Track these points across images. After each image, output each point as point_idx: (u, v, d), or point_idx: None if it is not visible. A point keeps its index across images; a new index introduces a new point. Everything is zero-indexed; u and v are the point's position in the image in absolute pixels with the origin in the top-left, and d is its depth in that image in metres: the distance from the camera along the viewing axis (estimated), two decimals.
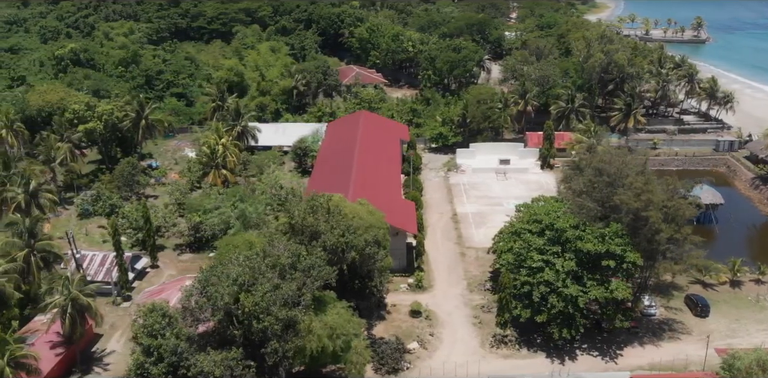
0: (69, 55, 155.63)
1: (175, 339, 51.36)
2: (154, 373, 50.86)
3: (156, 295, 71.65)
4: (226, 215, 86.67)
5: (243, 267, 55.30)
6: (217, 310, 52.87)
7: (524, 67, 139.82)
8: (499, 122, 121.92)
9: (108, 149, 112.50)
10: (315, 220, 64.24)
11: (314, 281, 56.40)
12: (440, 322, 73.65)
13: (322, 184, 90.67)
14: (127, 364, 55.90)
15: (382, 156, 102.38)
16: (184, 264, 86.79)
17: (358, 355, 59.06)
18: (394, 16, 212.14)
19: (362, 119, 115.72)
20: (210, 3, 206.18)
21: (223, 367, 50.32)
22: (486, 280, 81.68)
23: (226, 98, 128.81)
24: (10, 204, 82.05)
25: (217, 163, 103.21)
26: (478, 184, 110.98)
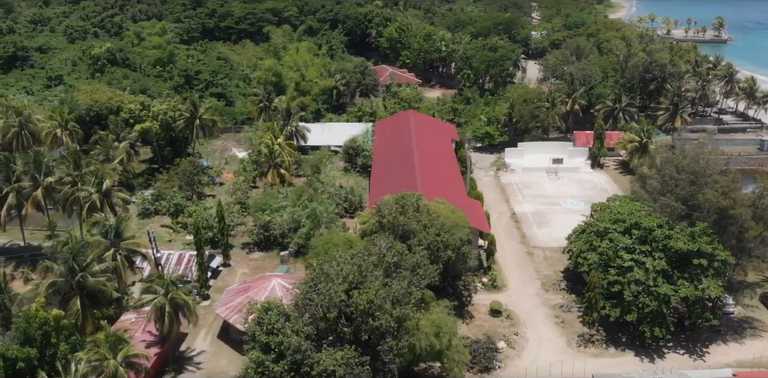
0: (105, 54, 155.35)
1: (296, 336, 51.38)
2: (275, 370, 50.90)
3: (241, 293, 71.65)
4: (297, 214, 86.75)
5: (351, 265, 55.49)
6: (333, 307, 52.99)
7: (565, 67, 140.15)
8: (548, 121, 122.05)
9: (161, 149, 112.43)
10: (407, 219, 64.45)
11: (421, 280, 56.60)
12: (521, 322, 73.79)
13: (387, 184, 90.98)
14: (243, 362, 55.86)
15: (439, 155, 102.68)
16: (255, 262, 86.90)
17: (459, 354, 59.29)
18: (421, 15, 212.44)
19: (412, 119, 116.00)
20: (236, 3, 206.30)
21: (345, 366, 50.46)
22: (560, 280, 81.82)
23: (272, 98, 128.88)
24: (83, 203, 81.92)
25: (276, 163, 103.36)
26: (531, 183, 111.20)
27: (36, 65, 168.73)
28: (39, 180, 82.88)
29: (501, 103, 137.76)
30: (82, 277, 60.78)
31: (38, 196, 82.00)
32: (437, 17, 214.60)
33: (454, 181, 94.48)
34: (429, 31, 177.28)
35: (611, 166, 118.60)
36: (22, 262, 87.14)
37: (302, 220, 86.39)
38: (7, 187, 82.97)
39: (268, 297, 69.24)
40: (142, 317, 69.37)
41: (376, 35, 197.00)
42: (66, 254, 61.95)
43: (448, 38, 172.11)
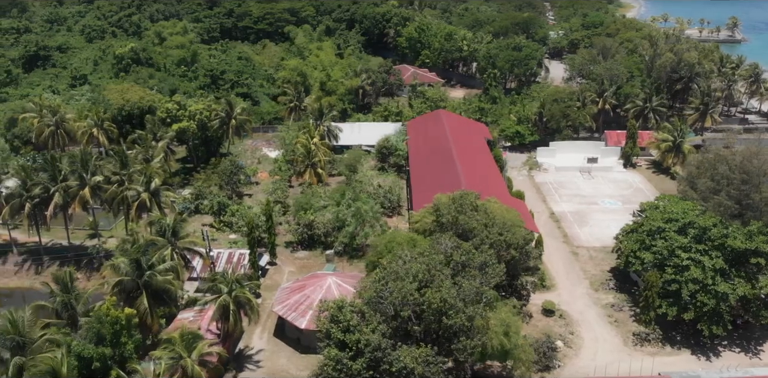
0: (129, 54, 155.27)
1: (375, 334, 51.47)
2: (354, 368, 51.00)
3: (296, 291, 71.75)
4: (342, 214, 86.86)
5: (420, 264, 55.64)
6: (406, 305, 53.12)
7: (591, 66, 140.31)
8: (579, 121, 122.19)
9: (196, 149, 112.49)
10: (467, 218, 64.57)
11: (490, 279, 56.72)
12: (575, 321, 73.91)
13: (430, 184, 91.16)
14: (318, 359, 55.88)
15: (476, 155, 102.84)
16: (300, 261, 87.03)
17: (525, 353, 59.38)
18: (438, 15, 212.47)
19: (444, 118, 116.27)
20: (253, 3, 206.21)
21: (424, 364, 50.59)
22: (607, 279, 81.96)
23: (302, 98, 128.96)
24: (131, 202, 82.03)
25: (314, 162, 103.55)
26: (565, 182, 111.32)
27: (57, 64, 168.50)
28: (86, 179, 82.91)
29: (527, 102, 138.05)
30: (150, 275, 60.81)
31: (86, 195, 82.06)
32: (454, 17, 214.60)
33: (496, 180, 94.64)
34: (450, 30, 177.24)
35: (643, 166, 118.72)
36: (66, 262, 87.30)
37: (347, 219, 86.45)
38: (53, 186, 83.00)
39: (324, 295, 69.64)
40: (200, 316, 69.59)
41: (394, 35, 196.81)
42: (133, 253, 61.98)
43: (470, 38, 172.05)
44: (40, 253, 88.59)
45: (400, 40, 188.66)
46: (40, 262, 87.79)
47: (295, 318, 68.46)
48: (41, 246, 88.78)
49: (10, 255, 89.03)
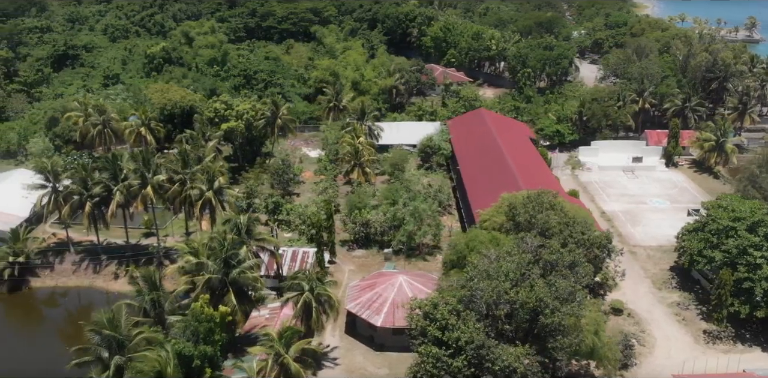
0: (161, 53, 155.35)
1: (477, 332, 51.63)
2: (454, 366, 51.18)
3: (367, 289, 71.93)
4: (400, 212, 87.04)
5: (510, 263, 55.83)
6: (502, 304, 53.31)
7: (626, 66, 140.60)
8: (620, 120, 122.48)
9: (243, 148, 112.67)
10: (546, 217, 64.79)
11: (581, 278, 56.93)
12: (643, 320, 74.13)
13: (485, 183, 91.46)
14: (414, 358, 56.02)
15: (525, 154, 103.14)
16: (359, 260, 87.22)
17: (611, 352, 59.62)
18: (460, 14, 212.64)
19: (487, 117, 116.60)
20: (275, 2, 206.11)
21: (525, 362, 50.80)
22: (669, 278, 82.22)
23: (341, 98, 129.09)
24: (195, 201, 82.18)
25: (361, 162, 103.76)
26: (611, 182, 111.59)
27: (86, 64, 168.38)
28: (148, 178, 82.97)
29: (561, 101, 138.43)
30: (238, 273, 61.02)
31: (149, 193, 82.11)
32: (476, 16, 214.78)
33: (549, 179, 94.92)
34: (477, 29, 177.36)
35: (684, 165, 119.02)
36: (125, 260, 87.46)
37: (405, 218, 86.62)
38: (115, 186, 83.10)
39: (397, 294, 69.95)
40: (275, 313, 69.90)
41: (418, 34, 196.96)
42: (219, 251, 62.18)
43: (498, 37, 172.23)
44: (98, 252, 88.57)
45: (425, 39, 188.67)
46: (98, 261, 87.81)
47: (370, 315, 68.65)
48: (99, 245, 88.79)
49: (67, 254, 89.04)
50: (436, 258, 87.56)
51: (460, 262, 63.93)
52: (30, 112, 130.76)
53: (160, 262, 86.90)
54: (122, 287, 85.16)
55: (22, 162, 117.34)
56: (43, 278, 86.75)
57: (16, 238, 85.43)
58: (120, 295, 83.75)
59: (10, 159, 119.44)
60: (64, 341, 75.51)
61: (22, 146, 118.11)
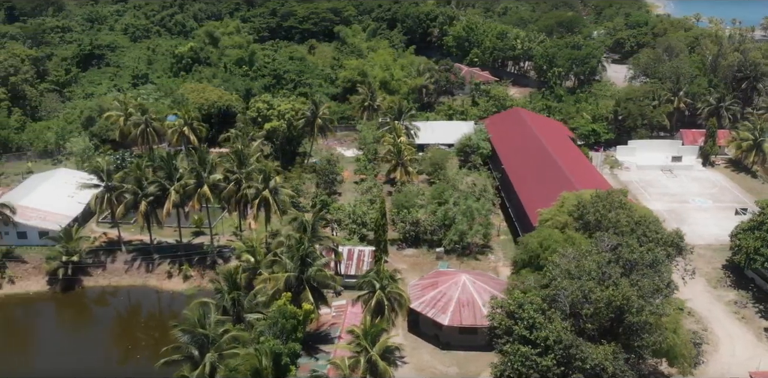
0: (189, 53, 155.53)
1: (565, 332, 51.86)
2: (543, 365, 51.39)
3: (429, 288, 72.14)
4: (452, 212, 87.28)
5: (591, 262, 56.06)
6: (588, 303, 53.53)
7: (656, 65, 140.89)
8: (656, 119, 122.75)
9: (283, 148, 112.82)
10: (617, 216, 65.02)
11: (663, 276, 57.14)
12: (704, 318, 74.38)
13: (534, 182, 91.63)
14: (497, 359, 56.18)
15: (570, 153, 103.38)
16: (410, 259, 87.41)
17: (687, 349, 59.82)
18: (480, 13, 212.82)
19: (526, 117, 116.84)
20: (296, 3, 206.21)
21: (614, 361, 51.04)
22: (723, 277, 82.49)
23: (375, 97, 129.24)
24: (252, 200, 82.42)
25: (404, 161, 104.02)
26: (651, 181, 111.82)
27: (111, 63, 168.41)
28: (204, 177, 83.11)
29: (592, 100, 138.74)
30: (315, 271, 61.25)
31: (206, 193, 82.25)
32: (495, 15, 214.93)
33: (598, 178, 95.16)
34: (501, 29, 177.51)
35: (721, 165, 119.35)
36: (177, 259, 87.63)
37: (457, 217, 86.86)
38: (170, 185, 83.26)
39: (461, 293, 70.20)
40: (341, 311, 70.17)
41: (439, 34, 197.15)
42: (295, 250, 62.38)
43: (523, 36, 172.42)
44: (150, 251, 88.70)
45: (447, 39, 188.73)
46: (151, 260, 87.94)
47: (436, 314, 68.88)
48: (151, 244, 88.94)
49: (119, 253, 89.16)
50: (488, 257, 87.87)
51: (532, 261, 64.15)
52: (64, 111, 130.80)
53: (214, 261, 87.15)
54: (176, 286, 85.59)
55: (60, 161, 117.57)
56: (95, 277, 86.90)
57: (68, 237, 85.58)
58: (174, 294, 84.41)
59: (47, 158, 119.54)
60: (126, 340, 76.13)
61: (60, 146, 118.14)
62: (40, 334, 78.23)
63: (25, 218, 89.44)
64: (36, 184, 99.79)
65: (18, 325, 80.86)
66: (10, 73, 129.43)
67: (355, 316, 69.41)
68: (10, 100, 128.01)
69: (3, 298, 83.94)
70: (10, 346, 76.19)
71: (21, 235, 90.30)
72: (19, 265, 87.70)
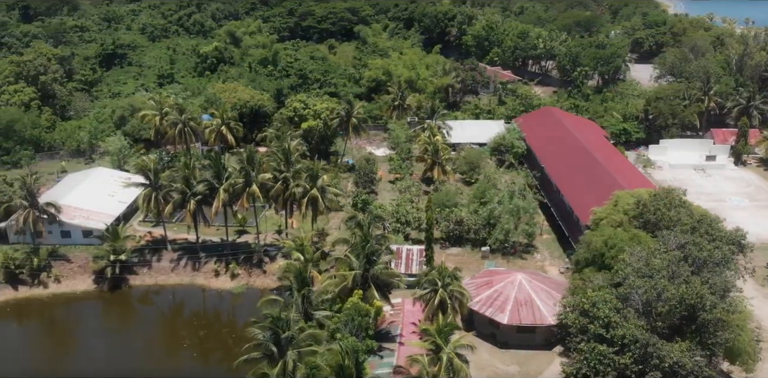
0: (214, 53, 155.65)
1: (642, 330, 52.17)
2: (621, 363, 51.68)
3: (484, 287, 72.35)
4: (497, 211, 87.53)
5: (661, 260, 56.38)
6: (663, 301, 53.85)
7: (682, 65, 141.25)
8: (688, 119, 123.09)
9: (318, 147, 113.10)
10: (677, 215, 65.32)
11: (732, 274, 57.47)
12: (756, 316, 74.30)
13: (578, 182, 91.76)
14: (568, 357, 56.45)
15: (609, 152, 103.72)
16: (455, 258, 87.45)
17: (751, 346, 60.12)
18: (498, 13, 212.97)
19: (559, 116, 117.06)
20: (312, 3, 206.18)
21: (693, 359, 51.36)
22: None
23: (405, 96, 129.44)
24: (300, 199, 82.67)
25: (441, 160, 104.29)
26: (686, 180, 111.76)
27: (133, 63, 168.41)
28: (252, 176, 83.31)
29: (618, 100, 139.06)
30: (379, 269, 61.48)
31: (255, 191, 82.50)
32: (513, 15, 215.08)
33: (641, 177, 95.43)
34: (522, 28, 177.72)
35: (753, 164, 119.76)
36: (223, 258, 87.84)
37: (502, 216, 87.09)
38: (219, 184, 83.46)
39: (518, 292, 70.42)
40: (398, 309, 70.40)
41: (457, 33, 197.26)
42: (360, 248, 62.62)
43: (545, 36, 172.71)
44: (196, 250, 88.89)
45: (466, 38, 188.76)
46: (197, 258, 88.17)
47: (494, 313, 69.14)
48: (198, 243, 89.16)
49: (165, 252, 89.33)
50: (533, 257, 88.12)
51: (595, 260, 64.38)
52: (95, 110, 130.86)
53: (260, 260, 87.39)
54: (224, 284, 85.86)
55: (93, 160, 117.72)
56: (141, 276, 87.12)
57: (115, 236, 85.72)
58: (222, 292, 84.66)
59: (79, 157, 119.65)
60: (181, 338, 76.27)
61: (94, 145, 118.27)
62: (97, 333, 78.51)
63: (68, 217, 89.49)
64: (75, 184, 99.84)
65: (72, 324, 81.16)
66: (40, 72, 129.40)
67: (412, 314, 69.71)
68: (40, 99, 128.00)
69: (51, 297, 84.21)
70: (68, 344, 76.69)
71: (65, 235, 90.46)
72: (64, 264, 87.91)
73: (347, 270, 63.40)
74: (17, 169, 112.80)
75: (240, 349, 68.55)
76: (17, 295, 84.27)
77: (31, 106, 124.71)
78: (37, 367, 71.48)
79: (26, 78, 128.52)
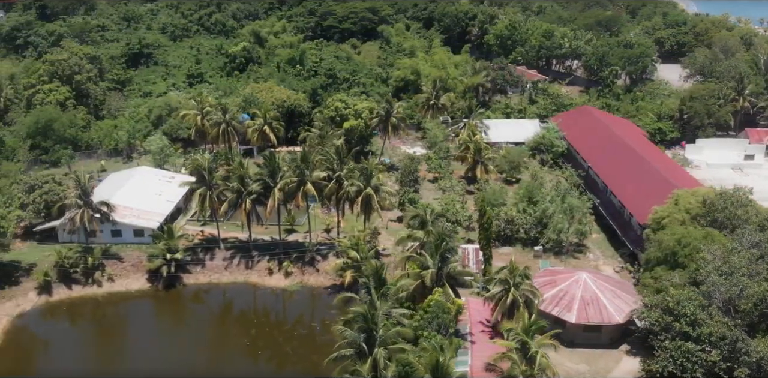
0: (242, 53, 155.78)
1: (729, 328, 52.48)
2: (709, 360, 51.95)
3: (548, 286, 72.76)
4: (550, 210, 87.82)
5: (740, 258, 56.68)
6: (745, 299, 54.13)
7: (712, 64, 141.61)
8: (724, 118, 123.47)
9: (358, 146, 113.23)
10: (746, 214, 65.64)
11: None
12: None
13: (631, 181, 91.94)
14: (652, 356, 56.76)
15: (652, 151, 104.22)
16: (507, 257, 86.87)
17: None
18: (519, 12, 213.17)
19: (598, 115, 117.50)
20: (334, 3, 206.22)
21: None
22: None
23: (440, 96, 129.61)
24: (354, 198, 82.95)
25: (483, 160, 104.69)
26: (724, 179, 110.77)
27: (159, 62, 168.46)
28: (306, 175, 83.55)
29: (649, 99, 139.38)
30: (454, 268, 61.78)
31: (310, 190, 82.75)
32: (533, 14, 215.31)
33: (687, 176, 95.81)
34: (547, 28, 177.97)
35: None
36: (274, 256, 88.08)
37: (556, 215, 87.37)
38: (273, 183, 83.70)
39: (583, 291, 70.69)
40: (465, 308, 70.56)
41: (478, 33, 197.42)
42: (434, 247, 62.87)
43: (570, 35, 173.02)
44: (248, 249, 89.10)
45: (488, 37, 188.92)
46: (249, 257, 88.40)
47: (560, 312, 69.52)
48: (249, 241, 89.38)
49: (217, 251, 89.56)
50: (586, 256, 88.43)
51: (668, 259, 64.62)
52: (129, 110, 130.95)
53: (312, 258, 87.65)
54: (278, 283, 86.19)
55: (131, 159, 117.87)
56: (195, 275, 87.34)
57: (170, 235, 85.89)
58: (277, 291, 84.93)
59: (116, 157, 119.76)
60: (243, 336, 76.50)
61: (132, 144, 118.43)
62: (159, 331, 78.97)
63: (119, 217, 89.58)
64: (120, 183, 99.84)
65: (131, 322, 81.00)
66: (75, 71, 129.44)
67: (478, 312, 69.94)
68: (75, 98, 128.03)
69: (106, 296, 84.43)
70: (131, 343, 76.82)
71: (115, 233, 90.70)
72: (116, 263, 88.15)
73: (417, 268, 63.65)
74: (56, 168, 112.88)
75: (305, 346, 69.82)
76: (71, 294, 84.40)
77: (66, 105, 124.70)
78: (102, 364, 72.08)
79: (60, 77, 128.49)
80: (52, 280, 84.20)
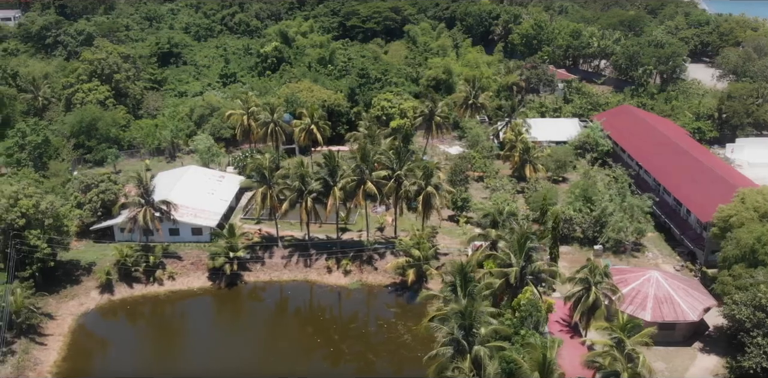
0: (274, 53, 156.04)
1: None
2: None
3: (621, 285, 72.22)
4: (610, 209, 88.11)
5: None
6: None
7: (746, 64, 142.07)
8: (763, 117, 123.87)
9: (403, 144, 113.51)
10: None
11: None
12: None
13: (688, 180, 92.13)
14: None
15: (701, 150, 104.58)
16: (567, 256, 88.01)
17: None
18: (541, 11, 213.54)
19: (641, 115, 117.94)
20: (357, 3, 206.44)
21: None
22: None
23: (478, 95, 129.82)
24: (415, 196, 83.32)
25: (532, 159, 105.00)
26: (767, 178, 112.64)
27: (188, 62, 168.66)
28: (366, 174, 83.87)
29: (683, 98, 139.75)
30: (538, 267, 62.11)
31: (370, 189, 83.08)
32: (555, 14, 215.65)
33: (736, 174, 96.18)
34: (574, 27, 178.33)
35: None
36: (332, 255, 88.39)
37: (616, 214, 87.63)
38: (333, 182, 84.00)
39: (656, 289, 71.07)
40: None
41: (502, 32, 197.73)
42: (517, 245, 63.19)
43: (598, 34, 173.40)
44: (306, 247, 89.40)
45: (513, 36, 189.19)
46: (307, 255, 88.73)
47: (635, 311, 69.78)
48: (307, 240, 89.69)
49: (276, 249, 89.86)
50: (645, 255, 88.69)
51: (746, 257, 64.95)
52: (169, 109, 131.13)
53: (370, 257, 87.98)
54: (338, 280, 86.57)
55: (175, 159, 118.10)
56: (255, 272, 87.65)
57: (231, 233, 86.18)
58: (338, 288, 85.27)
59: (159, 156, 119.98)
60: (313, 333, 76.83)
61: (176, 143, 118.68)
62: (230, 329, 79.17)
63: (177, 215, 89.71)
64: (171, 182, 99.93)
65: (198, 320, 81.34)
66: (114, 70, 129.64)
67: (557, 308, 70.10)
68: (114, 97, 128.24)
69: (168, 295, 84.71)
70: (202, 340, 77.12)
71: (173, 232, 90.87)
72: (175, 261, 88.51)
73: (494, 266, 64.04)
74: (100, 167, 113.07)
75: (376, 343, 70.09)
76: (133, 293, 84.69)
77: (107, 104, 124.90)
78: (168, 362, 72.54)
79: (100, 76, 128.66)
80: (113, 279, 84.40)
